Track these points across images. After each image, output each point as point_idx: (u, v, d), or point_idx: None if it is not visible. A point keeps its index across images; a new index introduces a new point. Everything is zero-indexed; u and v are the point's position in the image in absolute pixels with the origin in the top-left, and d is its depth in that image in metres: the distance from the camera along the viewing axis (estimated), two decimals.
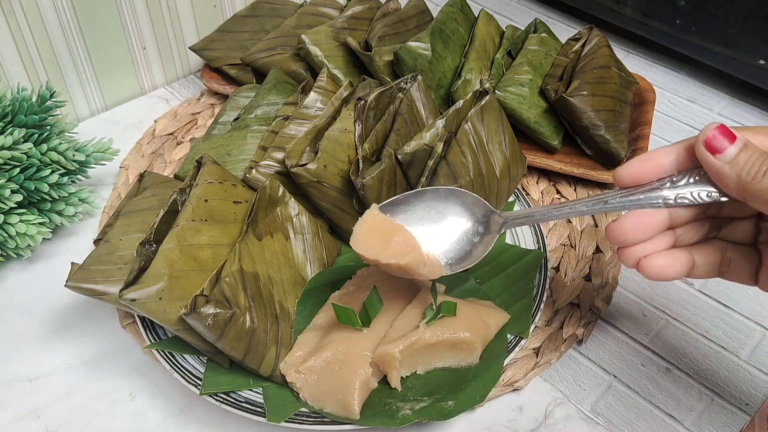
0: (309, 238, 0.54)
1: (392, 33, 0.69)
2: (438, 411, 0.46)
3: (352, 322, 0.48)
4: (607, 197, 0.43)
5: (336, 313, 0.48)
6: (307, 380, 0.47)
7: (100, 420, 0.49)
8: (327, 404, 0.46)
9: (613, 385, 0.51)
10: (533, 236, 0.58)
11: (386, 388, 0.48)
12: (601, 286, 0.57)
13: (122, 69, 0.75)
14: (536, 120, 0.65)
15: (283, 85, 0.67)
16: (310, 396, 0.47)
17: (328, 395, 0.46)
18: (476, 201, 0.48)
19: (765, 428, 0.49)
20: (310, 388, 0.47)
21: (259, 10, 0.79)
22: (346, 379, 0.46)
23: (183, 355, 0.49)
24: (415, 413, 0.46)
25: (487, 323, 0.50)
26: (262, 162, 0.56)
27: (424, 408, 0.46)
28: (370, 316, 0.48)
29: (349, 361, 0.46)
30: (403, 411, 0.46)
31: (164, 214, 0.49)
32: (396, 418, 0.45)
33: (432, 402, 0.46)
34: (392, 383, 0.47)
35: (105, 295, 0.48)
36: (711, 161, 0.39)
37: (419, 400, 0.47)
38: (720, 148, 0.39)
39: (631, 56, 0.86)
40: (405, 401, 0.47)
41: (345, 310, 0.48)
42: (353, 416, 0.45)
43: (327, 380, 0.46)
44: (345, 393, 0.45)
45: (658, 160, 0.42)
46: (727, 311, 0.57)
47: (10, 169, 0.55)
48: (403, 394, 0.47)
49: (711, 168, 0.40)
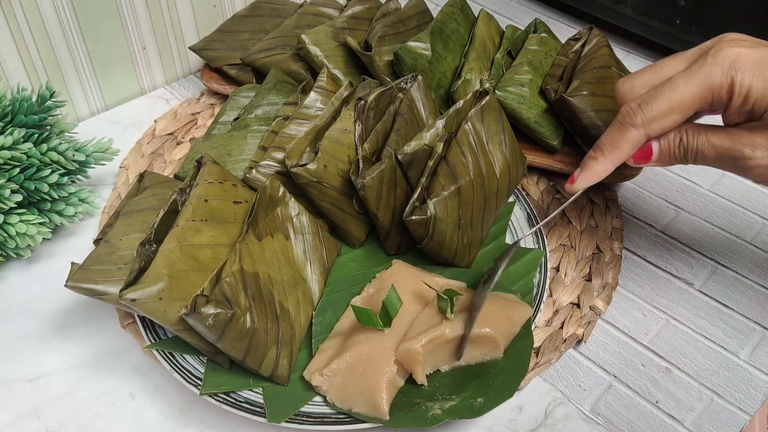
0: (309, 238, 0.54)
1: (392, 33, 0.69)
2: (468, 409, 0.46)
3: (373, 323, 0.48)
4: None
5: (356, 315, 0.48)
6: (333, 382, 0.47)
7: (100, 420, 0.49)
8: (355, 404, 0.46)
9: (613, 385, 0.51)
10: (533, 236, 0.58)
11: (413, 388, 0.48)
12: (601, 286, 0.57)
13: (122, 69, 0.75)
14: (536, 120, 0.65)
15: (283, 85, 0.67)
16: (338, 397, 0.47)
17: (355, 395, 0.46)
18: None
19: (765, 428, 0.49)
20: (336, 390, 0.47)
21: (259, 10, 0.79)
22: (371, 378, 0.46)
23: (183, 355, 0.49)
24: (444, 412, 0.46)
25: (512, 318, 0.50)
26: (262, 162, 0.56)
27: (453, 407, 0.46)
28: (390, 315, 0.48)
29: (373, 361, 0.47)
30: (432, 411, 0.46)
31: (164, 214, 0.49)
32: (426, 418, 0.45)
33: (461, 400, 0.46)
34: (418, 379, 0.47)
35: (105, 295, 0.48)
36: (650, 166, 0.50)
37: (448, 398, 0.47)
38: (646, 159, 0.49)
39: (631, 56, 0.86)
40: (434, 401, 0.47)
41: (365, 311, 0.48)
42: (383, 416, 0.45)
43: (353, 381, 0.46)
44: (373, 393, 0.46)
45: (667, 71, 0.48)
46: (727, 311, 0.57)
47: (10, 169, 0.55)
48: (431, 394, 0.47)
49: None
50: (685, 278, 0.59)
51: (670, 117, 0.46)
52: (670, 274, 0.59)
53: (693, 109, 0.46)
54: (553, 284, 0.57)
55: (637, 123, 0.46)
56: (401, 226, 0.55)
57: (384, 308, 0.48)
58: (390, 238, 0.56)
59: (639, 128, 0.47)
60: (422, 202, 0.53)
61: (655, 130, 0.47)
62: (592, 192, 0.66)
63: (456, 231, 0.54)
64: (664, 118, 0.46)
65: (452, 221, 0.53)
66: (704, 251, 0.61)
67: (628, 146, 0.47)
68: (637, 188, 0.67)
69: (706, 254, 0.61)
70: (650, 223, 0.64)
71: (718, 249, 0.61)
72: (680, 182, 0.68)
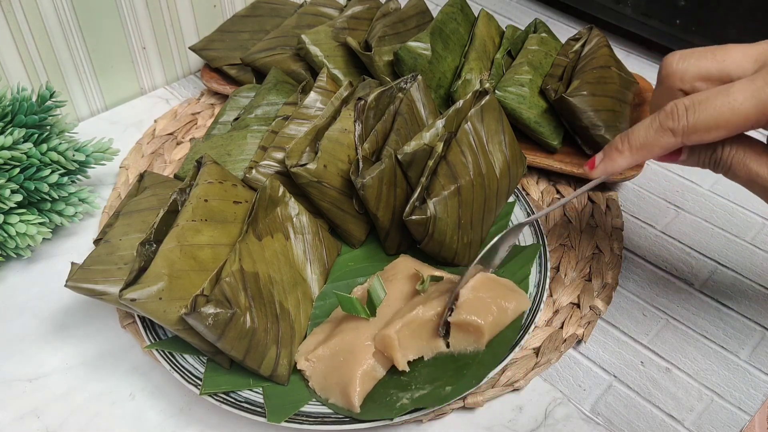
0: (309, 238, 0.54)
1: (392, 33, 0.69)
2: (434, 397, 0.46)
3: (356, 311, 0.48)
4: None
5: (339, 302, 0.48)
6: (316, 369, 0.47)
7: (100, 420, 0.49)
8: (332, 395, 0.47)
9: (613, 385, 0.51)
10: (533, 236, 0.58)
11: (393, 378, 0.48)
12: (601, 286, 0.57)
13: (122, 69, 0.75)
14: (536, 120, 0.65)
15: (283, 85, 0.67)
16: (318, 385, 0.47)
17: (333, 386, 0.47)
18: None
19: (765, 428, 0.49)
20: (317, 377, 0.47)
21: (259, 10, 0.79)
22: (349, 369, 0.46)
23: (183, 355, 0.49)
24: (412, 401, 0.46)
25: (504, 309, 0.49)
26: (262, 162, 0.56)
27: (422, 395, 0.46)
28: (375, 304, 0.48)
29: (353, 350, 0.47)
30: (401, 401, 0.46)
31: (164, 214, 0.49)
32: (393, 409, 0.46)
33: (432, 389, 0.47)
34: (398, 366, 0.47)
35: (105, 295, 0.48)
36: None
37: (420, 388, 0.47)
38: (672, 160, 0.45)
39: (631, 56, 0.86)
40: (406, 390, 0.47)
41: (348, 299, 0.48)
42: (353, 409, 0.46)
43: (333, 370, 0.47)
44: (347, 385, 0.46)
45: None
46: (727, 311, 0.57)
47: (10, 169, 0.55)
48: (406, 384, 0.48)
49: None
50: (685, 278, 0.59)
51: (714, 132, 0.41)
52: (670, 274, 0.59)
53: (743, 129, 0.41)
54: (553, 284, 0.57)
55: (678, 130, 0.42)
56: (401, 226, 0.55)
57: (369, 297, 0.48)
58: (390, 238, 0.56)
59: (678, 136, 0.42)
60: (422, 201, 0.53)
61: (693, 140, 0.42)
62: (592, 192, 0.66)
63: (456, 231, 0.54)
64: (708, 132, 0.41)
65: (452, 221, 0.53)
66: (704, 251, 0.61)
67: (660, 150, 0.43)
68: (637, 188, 0.67)
69: (706, 254, 0.61)
70: (650, 223, 0.64)
71: (718, 249, 0.61)
72: (680, 182, 0.68)
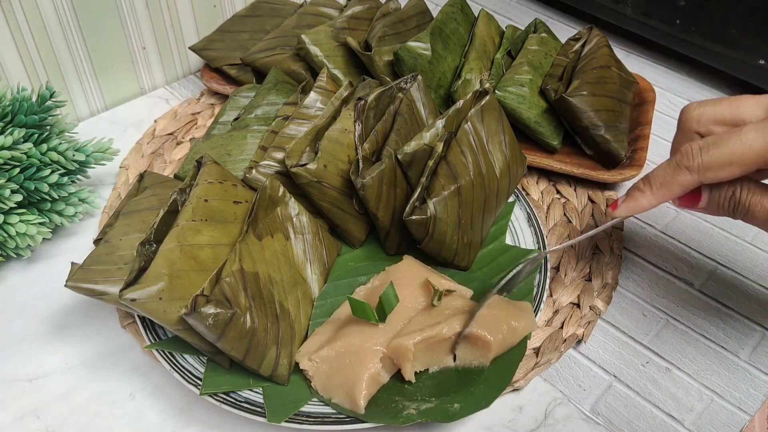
0: (309, 238, 0.54)
1: (392, 33, 0.69)
2: (442, 412, 0.46)
3: (368, 316, 0.48)
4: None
5: (351, 306, 0.48)
6: (319, 369, 0.47)
7: (100, 420, 0.49)
8: (335, 395, 0.47)
9: (613, 385, 0.51)
10: (533, 236, 0.58)
11: (397, 385, 0.48)
12: (601, 286, 0.57)
13: (122, 69, 0.75)
14: (536, 120, 0.65)
15: (283, 85, 0.67)
16: (321, 385, 0.47)
17: (336, 387, 0.46)
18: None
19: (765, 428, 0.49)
20: (321, 377, 0.47)
21: (259, 10, 0.79)
22: (355, 372, 0.46)
23: (183, 355, 0.49)
24: (419, 413, 0.46)
25: (514, 329, 0.49)
26: (262, 162, 0.56)
27: (429, 409, 0.46)
28: (386, 311, 0.48)
29: (360, 354, 0.47)
30: (408, 410, 0.46)
31: (164, 214, 0.49)
32: (399, 416, 0.45)
33: (438, 403, 0.46)
34: (406, 376, 0.47)
35: (105, 295, 0.48)
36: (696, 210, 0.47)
37: (426, 400, 0.47)
38: (693, 204, 0.47)
39: (631, 56, 0.86)
40: (412, 400, 0.47)
41: (361, 304, 0.48)
42: (358, 410, 0.45)
43: (337, 372, 0.47)
44: (353, 386, 0.46)
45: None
46: (727, 311, 0.57)
47: (10, 169, 0.55)
48: (411, 394, 0.47)
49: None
50: (685, 278, 0.59)
51: (728, 169, 0.43)
52: (670, 274, 0.59)
53: (756, 167, 0.43)
54: (553, 284, 0.57)
55: (693, 167, 0.44)
56: (401, 226, 0.55)
57: (380, 303, 0.48)
58: (390, 238, 0.56)
59: (694, 173, 0.44)
60: (422, 201, 0.53)
61: (709, 178, 0.44)
62: (592, 192, 0.66)
63: (456, 231, 0.54)
64: (722, 168, 0.43)
65: (452, 221, 0.53)
66: (704, 251, 0.61)
67: (679, 188, 0.45)
68: None
69: (706, 254, 0.61)
70: (650, 223, 0.64)
71: (718, 249, 0.61)
72: None
